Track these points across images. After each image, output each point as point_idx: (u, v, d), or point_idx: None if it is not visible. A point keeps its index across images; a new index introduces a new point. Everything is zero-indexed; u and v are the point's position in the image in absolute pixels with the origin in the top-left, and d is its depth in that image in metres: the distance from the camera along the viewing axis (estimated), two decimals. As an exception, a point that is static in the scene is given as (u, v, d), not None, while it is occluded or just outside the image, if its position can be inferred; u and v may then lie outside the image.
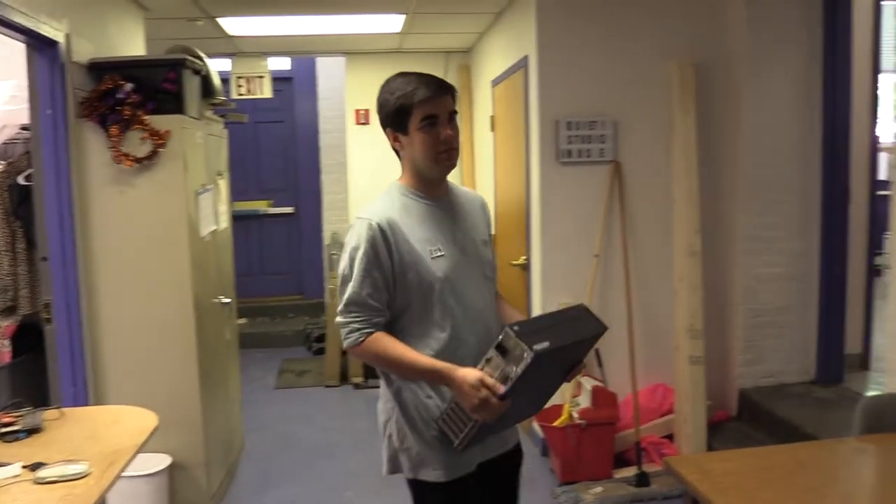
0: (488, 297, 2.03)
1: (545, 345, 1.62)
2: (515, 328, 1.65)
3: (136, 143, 3.22)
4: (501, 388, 1.66)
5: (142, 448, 2.13)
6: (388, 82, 1.93)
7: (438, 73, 6.64)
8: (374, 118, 6.30)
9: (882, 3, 4.47)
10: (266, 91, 6.39)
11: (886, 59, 4.01)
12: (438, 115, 1.86)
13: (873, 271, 4.72)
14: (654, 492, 3.65)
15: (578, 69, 4.11)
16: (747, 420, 4.13)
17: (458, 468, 1.91)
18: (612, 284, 4.20)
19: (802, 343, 4.30)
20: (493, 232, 2.20)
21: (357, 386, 5.70)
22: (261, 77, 6.37)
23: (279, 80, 6.95)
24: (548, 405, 2.88)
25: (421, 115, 1.85)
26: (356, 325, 1.87)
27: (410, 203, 1.94)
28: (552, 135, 4.11)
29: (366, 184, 6.42)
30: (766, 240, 4.21)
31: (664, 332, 4.21)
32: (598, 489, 3.71)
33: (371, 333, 1.86)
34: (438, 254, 1.89)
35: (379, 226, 1.86)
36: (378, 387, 2.05)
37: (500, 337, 1.68)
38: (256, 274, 7.63)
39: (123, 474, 1.97)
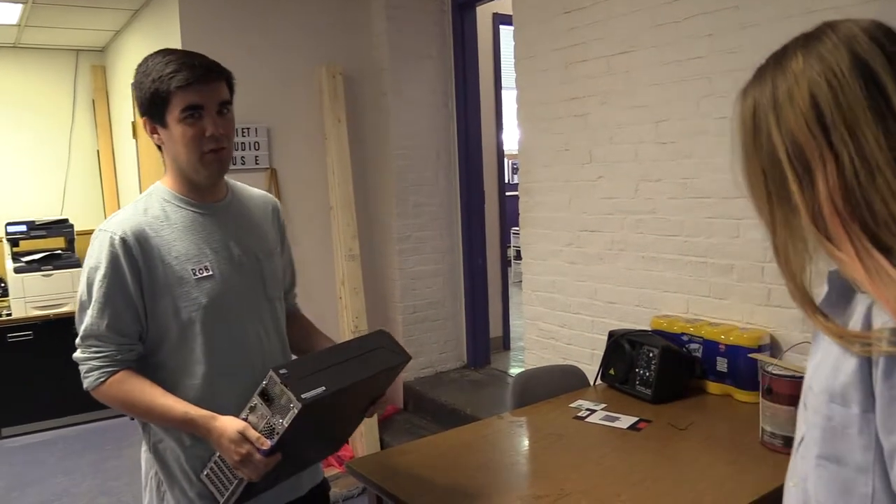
0: (271, 323, 1.69)
1: (318, 391, 1.38)
2: (283, 372, 1.39)
3: None
4: (267, 444, 1.39)
5: None
6: (145, 60, 1.55)
7: (67, 73, 5.92)
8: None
9: (501, 26, 5.09)
10: None
11: (507, 78, 4.56)
12: (204, 106, 1.51)
13: (506, 262, 5.36)
14: (335, 494, 3.67)
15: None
16: (414, 411, 4.39)
17: None
18: (278, 293, 4.14)
19: (454, 332, 4.70)
20: (288, 240, 1.85)
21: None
22: None
23: None
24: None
25: (182, 104, 1.50)
26: (95, 363, 1.51)
27: (172, 210, 1.58)
28: (204, 142, 3.90)
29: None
30: (417, 239, 4.52)
31: (332, 335, 4.25)
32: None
33: (114, 372, 1.50)
34: (205, 273, 1.55)
35: (123, 240, 1.50)
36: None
37: (265, 382, 1.40)
38: None
39: None
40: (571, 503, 1.71)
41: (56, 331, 4.89)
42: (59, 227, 5.24)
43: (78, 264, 5.09)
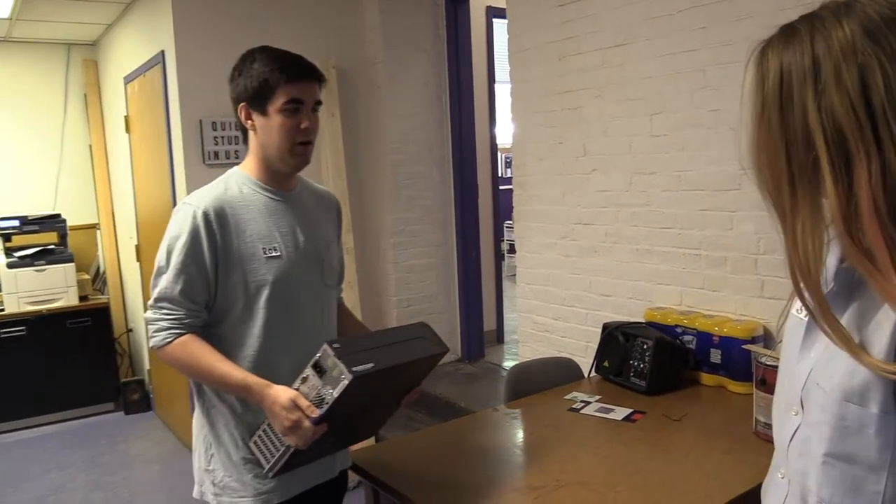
0: (326, 307, 1.82)
1: (367, 366, 1.47)
2: (336, 346, 1.48)
3: None
4: (316, 412, 1.47)
5: None
6: (251, 52, 1.71)
7: (59, 68, 5.88)
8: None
9: (494, 19, 5.08)
10: None
11: (501, 71, 4.56)
12: (304, 101, 1.67)
13: (500, 255, 5.37)
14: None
15: (221, 66, 3.91)
16: (409, 404, 4.38)
17: (270, 498, 1.68)
18: (272, 287, 4.13)
19: (449, 325, 4.71)
20: (342, 236, 1.98)
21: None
22: None
23: None
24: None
25: (286, 96, 1.65)
26: (165, 324, 1.62)
27: (249, 193, 1.71)
28: (196, 135, 3.89)
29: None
30: (411, 233, 4.52)
31: (326, 329, 4.27)
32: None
33: (180, 335, 1.62)
34: (274, 254, 1.67)
35: (205, 215, 1.62)
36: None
37: (318, 355, 1.49)
38: None
39: None
40: (567, 494, 1.72)
41: (49, 326, 4.88)
42: (52, 221, 5.21)
43: (71, 259, 5.07)
